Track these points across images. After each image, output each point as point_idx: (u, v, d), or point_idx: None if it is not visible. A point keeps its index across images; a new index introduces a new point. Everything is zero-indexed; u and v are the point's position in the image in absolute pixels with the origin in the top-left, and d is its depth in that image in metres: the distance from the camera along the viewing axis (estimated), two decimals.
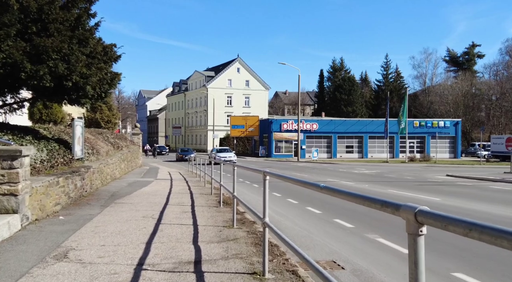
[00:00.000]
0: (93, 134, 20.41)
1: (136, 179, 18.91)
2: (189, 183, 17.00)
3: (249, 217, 8.44)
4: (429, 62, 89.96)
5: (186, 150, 47.04)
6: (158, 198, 11.40)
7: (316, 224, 8.28)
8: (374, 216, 8.48)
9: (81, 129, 13.58)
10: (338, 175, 22.62)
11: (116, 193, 12.42)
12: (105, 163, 15.72)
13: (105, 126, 31.93)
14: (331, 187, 2.67)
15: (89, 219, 7.85)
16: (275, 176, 4.37)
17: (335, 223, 8.25)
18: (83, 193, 11.26)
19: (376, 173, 24.57)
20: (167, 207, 9.67)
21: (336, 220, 8.53)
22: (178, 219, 8.03)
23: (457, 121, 58.83)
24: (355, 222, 8.24)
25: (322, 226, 8.06)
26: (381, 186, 16.49)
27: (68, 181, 9.73)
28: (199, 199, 11.49)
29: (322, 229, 7.73)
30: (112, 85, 11.21)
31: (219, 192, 10.49)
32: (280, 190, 14.83)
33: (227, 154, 37.31)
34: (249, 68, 76.71)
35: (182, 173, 24.13)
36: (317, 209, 10.03)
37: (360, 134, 56.00)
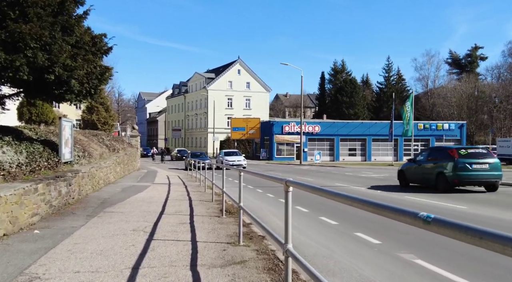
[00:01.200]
0: (87, 136, 19.25)
1: (132, 183, 17.74)
2: (188, 188, 15.83)
3: (256, 229, 7.28)
4: (432, 65, 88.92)
5: (198, 154, 35.39)
6: (153, 206, 10.22)
7: (335, 239, 7.10)
8: (400, 229, 7.33)
9: (70, 130, 12.43)
10: (346, 179, 21.44)
11: (107, 200, 11.24)
12: (98, 166, 14.56)
13: (102, 128, 30.79)
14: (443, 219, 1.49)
15: (69, 234, 6.67)
16: (303, 187, 3.21)
17: (357, 238, 7.07)
18: (69, 200, 10.09)
19: (384, 177, 23.38)
20: (163, 217, 8.50)
21: (358, 233, 7.35)
22: (174, 233, 6.86)
23: (462, 124, 57.84)
24: (381, 236, 7.06)
25: (343, 241, 6.88)
26: (392, 190, 15.30)
27: (50, 187, 8.56)
28: (199, 206, 10.32)
29: (344, 246, 6.55)
30: (102, 81, 10.05)
31: (222, 199, 9.32)
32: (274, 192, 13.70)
33: (236, 157, 33.29)
34: (249, 70, 75.64)
35: (181, 177, 22.96)
36: (332, 219, 8.85)
37: (363, 137, 54.97)
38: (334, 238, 7.17)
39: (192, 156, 33.71)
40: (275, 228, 7.61)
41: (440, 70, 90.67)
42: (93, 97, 10.06)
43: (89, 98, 10.06)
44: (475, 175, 14.06)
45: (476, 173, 14.06)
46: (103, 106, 31.85)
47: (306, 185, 3.17)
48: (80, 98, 9.98)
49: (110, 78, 10.70)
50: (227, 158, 32.01)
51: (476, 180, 14.20)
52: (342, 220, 8.81)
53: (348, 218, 8.96)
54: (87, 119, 31.13)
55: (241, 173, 6.19)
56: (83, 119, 31.63)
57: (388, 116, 75.10)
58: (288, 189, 3.42)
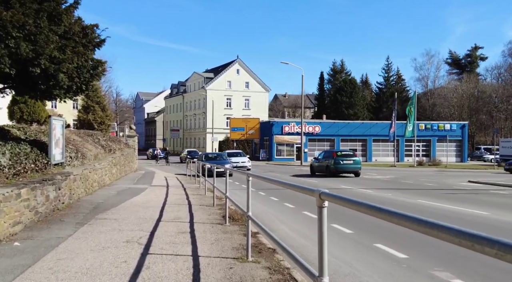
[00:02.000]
0: (81, 136, 18.44)
1: (128, 185, 16.93)
2: (187, 190, 15.04)
3: (265, 240, 6.49)
4: (432, 65, 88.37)
5: (214, 156, 27.71)
6: (150, 211, 9.42)
7: (353, 252, 6.32)
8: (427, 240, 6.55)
9: (61, 129, 11.62)
10: (350, 181, 20.67)
11: (101, 205, 10.44)
12: (92, 168, 13.75)
13: (98, 128, 29.93)
14: None
15: (54, 246, 5.88)
16: (346, 203, 2.42)
17: (379, 251, 6.29)
18: (59, 205, 9.28)
19: (390, 178, 22.64)
20: (160, 225, 7.71)
21: (378, 245, 6.57)
22: (173, 245, 6.06)
23: (463, 124, 57.23)
24: (405, 248, 6.29)
25: (364, 255, 6.10)
26: (405, 194, 14.54)
27: (36, 192, 7.76)
28: (200, 212, 9.53)
29: (366, 261, 5.77)
30: (95, 76, 9.24)
31: (225, 205, 8.53)
32: (278, 195, 12.94)
33: (240, 158, 30.99)
34: (249, 69, 74.84)
35: (179, 178, 22.16)
36: (346, 227, 8.06)
37: (363, 137, 54.33)
38: (352, 250, 6.38)
39: (206, 158, 25.92)
40: (285, 238, 6.85)
41: (440, 71, 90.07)
42: (85, 93, 9.24)
43: (80, 94, 9.26)
44: (345, 167, 23.64)
45: (346, 166, 23.67)
46: (100, 106, 30.98)
47: (351, 200, 2.38)
48: (71, 95, 9.17)
49: (104, 74, 9.91)
50: (230, 159, 29.78)
51: (346, 170, 23.67)
52: (356, 228, 8.04)
53: (363, 226, 8.18)
54: (83, 119, 30.26)
55: (249, 177, 5.40)
56: (79, 119, 30.77)
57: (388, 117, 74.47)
58: (322, 203, 2.63)
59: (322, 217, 2.72)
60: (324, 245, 2.65)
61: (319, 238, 2.68)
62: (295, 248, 5.88)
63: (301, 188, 3.24)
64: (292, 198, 12.88)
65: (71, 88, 8.71)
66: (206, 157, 26.95)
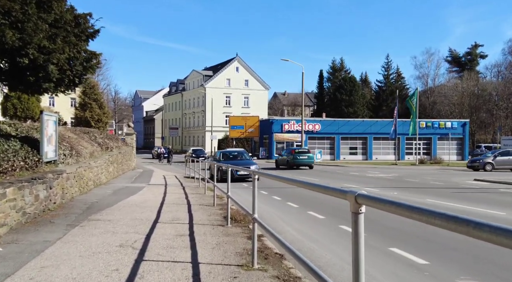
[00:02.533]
0: (77, 133, 17.89)
1: (125, 184, 16.40)
2: (186, 189, 14.51)
3: (270, 244, 5.98)
4: (432, 63, 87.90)
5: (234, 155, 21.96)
6: (147, 212, 8.90)
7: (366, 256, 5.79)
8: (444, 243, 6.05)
9: (54, 125, 11.08)
10: (354, 180, 20.15)
11: (95, 205, 9.91)
12: (87, 166, 13.22)
13: (96, 125, 29.37)
14: None
15: (39, 251, 5.35)
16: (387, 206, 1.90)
17: (395, 256, 5.78)
18: (50, 205, 8.75)
19: (394, 177, 22.13)
20: (157, 227, 7.18)
21: (393, 249, 6.06)
22: (170, 250, 5.54)
23: (464, 122, 56.78)
24: (423, 253, 5.77)
25: (378, 260, 5.59)
26: (412, 193, 14.04)
27: (24, 191, 7.23)
28: (199, 212, 9.00)
29: (383, 268, 5.26)
30: (88, 68, 8.70)
31: (226, 205, 8.01)
32: (281, 194, 12.41)
33: None
34: (248, 67, 74.24)
35: (178, 176, 21.64)
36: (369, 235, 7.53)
37: (364, 135, 53.86)
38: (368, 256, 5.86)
39: (224, 157, 21.26)
40: (292, 241, 6.33)
41: (440, 69, 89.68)
42: (78, 86, 8.69)
43: (72, 88, 8.72)
44: (301, 161, 29.90)
45: (301, 160, 29.89)
46: (97, 103, 30.39)
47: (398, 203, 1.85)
48: (62, 89, 8.63)
49: (98, 66, 9.36)
50: None
51: (301, 163, 29.97)
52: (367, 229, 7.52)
53: (372, 227, 7.67)
54: (80, 117, 29.67)
55: (256, 176, 4.88)
56: (76, 116, 30.20)
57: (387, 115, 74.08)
58: (358, 208, 2.09)
59: (359, 226, 2.15)
60: (361, 262, 2.14)
61: (353, 252, 2.17)
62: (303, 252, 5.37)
63: (329, 189, 2.61)
64: (296, 197, 12.38)
65: (62, 82, 8.17)
66: (224, 155, 21.69)
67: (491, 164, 29.18)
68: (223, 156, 21.60)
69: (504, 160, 29.56)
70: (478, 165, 29.86)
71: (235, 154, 22.28)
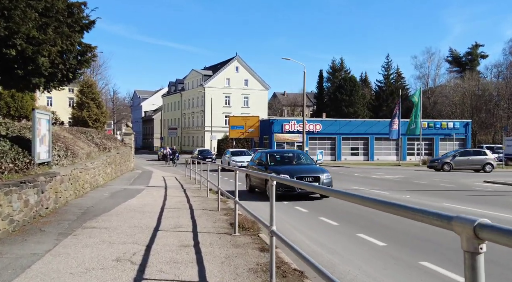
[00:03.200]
0: (73, 133, 17.21)
1: (124, 186, 15.73)
2: (187, 192, 13.85)
3: (285, 257, 5.31)
4: (432, 63, 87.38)
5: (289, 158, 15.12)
6: (146, 218, 8.22)
7: (395, 269, 5.14)
8: None
9: (48, 125, 10.40)
10: (360, 181, 19.50)
11: (90, 209, 9.23)
12: (83, 168, 12.53)
13: (93, 125, 28.71)
14: None
15: (25, 267, 4.68)
16: None
17: (426, 270, 5.12)
18: (41, 211, 8.08)
19: (400, 178, 21.48)
20: (158, 236, 6.51)
21: (424, 263, 5.40)
22: (174, 265, 4.87)
23: (467, 122, 56.26)
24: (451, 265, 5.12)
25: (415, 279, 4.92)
26: (425, 196, 13.38)
27: (11, 196, 6.56)
28: (203, 218, 8.33)
29: None
30: (83, 62, 8.04)
31: (234, 212, 7.34)
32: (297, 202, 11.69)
33: (245, 157, 27.97)
34: (248, 67, 73.55)
35: (178, 178, 20.96)
36: (377, 239, 6.89)
37: (365, 135, 53.32)
38: (393, 268, 5.21)
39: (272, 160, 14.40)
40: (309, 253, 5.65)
41: (441, 68, 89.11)
42: (71, 82, 8.02)
43: (66, 84, 8.05)
44: None
45: None
46: (95, 102, 29.71)
47: None
48: (55, 84, 7.95)
49: (94, 60, 8.70)
50: (235, 158, 28.01)
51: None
52: (388, 239, 6.86)
53: (397, 238, 7.01)
54: (77, 116, 28.99)
55: (274, 182, 4.20)
56: (73, 115, 29.51)
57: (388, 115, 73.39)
58: (479, 246, 1.35)
59: (477, 274, 1.42)
60: None
61: None
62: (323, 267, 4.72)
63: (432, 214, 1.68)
64: (304, 201, 11.71)
65: (54, 76, 7.50)
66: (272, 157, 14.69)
67: (449, 164, 29.49)
68: (270, 158, 14.40)
69: (462, 160, 29.80)
70: (437, 164, 30.11)
71: (290, 155, 15.73)
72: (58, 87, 8.56)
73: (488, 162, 29.39)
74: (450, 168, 29.44)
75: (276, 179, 4.20)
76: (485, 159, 29.58)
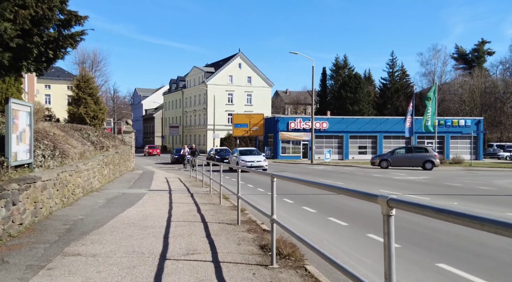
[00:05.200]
0: (65, 130, 15.33)
1: (122, 190, 13.86)
2: (195, 197, 11.97)
3: None
4: (438, 59, 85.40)
5: None
6: (149, 237, 6.34)
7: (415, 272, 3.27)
8: None
9: (28, 118, 8.52)
10: (385, 184, 17.58)
11: (78, 224, 7.34)
12: (74, 170, 10.66)
13: (91, 122, 26.75)
14: None
15: None
16: None
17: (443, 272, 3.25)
18: (12, 229, 6.20)
19: (426, 179, 19.56)
20: (166, 271, 4.62)
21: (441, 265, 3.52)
22: None
23: (478, 120, 54.48)
24: None
25: None
26: (473, 203, 11.45)
27: None
28: (222, 237, 6.44)
29: None
30: (67, 38, 6.14)
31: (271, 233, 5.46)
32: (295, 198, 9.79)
33: (255, 157, 26.22)
34: (251, 63, 71.60)
35: (182, 179, 19.07)
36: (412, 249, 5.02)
37: (374, 134, 51.52)
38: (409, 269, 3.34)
39: None
40: None
41: (447, 66, 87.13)
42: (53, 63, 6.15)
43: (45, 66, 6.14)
44: None
45: None
46: (92, 98, 27.71)
47: None
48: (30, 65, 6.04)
49: (83, 36, 6.80)
50: (244, 157, 25.81)
51: None
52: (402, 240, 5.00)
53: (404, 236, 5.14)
54: (73, 113, 26.99)
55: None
56: (69, 112, 27.49)
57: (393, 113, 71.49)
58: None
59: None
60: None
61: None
62: None
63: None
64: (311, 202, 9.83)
65: (28, 52, 5.62)
66: None
67: (387, 160, 29.94)
68: None
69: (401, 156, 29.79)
70: (375, 161, 31.21)
71: None
72: (36, 70, 6.65)
73: (428, 160, 28.56)
74: (388, 164, 29.57)
75: None
76: (425, 156, 28.92)
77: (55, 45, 6.17)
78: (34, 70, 6.54)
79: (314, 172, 25.78)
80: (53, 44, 6.07)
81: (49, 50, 6.13)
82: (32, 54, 5.85)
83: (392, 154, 31.05)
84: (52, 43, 6.04)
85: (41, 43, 5.80)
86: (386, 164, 29.76)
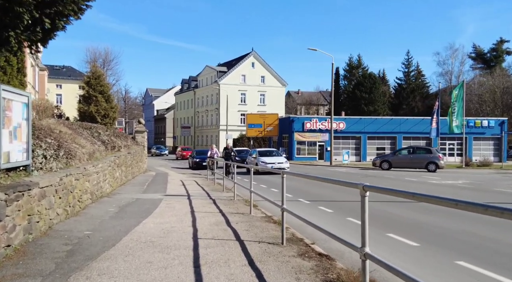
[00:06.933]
0: (73, 128, 13.90)
1: (135, 195, 12.36)
2: (218, 204, 10.42)
3: None
4: (455, 59, 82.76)
5: None
6: (175, 266, 4.77)
7: None
8: None
9: (25, 111, 7.04)
10: (423, 188, 15.82)
11: (83, 244, 5.81)
12: (81, 173, 9.17)
13: (102, 121, 25.48)
14: None
15: None
16: None
17: None
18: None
19: (467, 184, 17.78)
20: None
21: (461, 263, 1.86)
22: None
23: (502, 121, 52.23)
24: None
25: None
26: None
27: None
28: (271, 266, 4.84)
29: None
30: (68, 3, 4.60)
31: (363, 275, 3.84)
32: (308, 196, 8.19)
33: (276, 158, 24.68)
34: (264, 63, 69.98)
35: (199, 182, 17.54)
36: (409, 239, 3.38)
37: (393, 134, 49.59)
38: None
39: None
40: None
41: (465, 65, 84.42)
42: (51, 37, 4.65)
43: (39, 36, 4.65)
44: None
45: None
46: (103, 96, 26.45)
47: None
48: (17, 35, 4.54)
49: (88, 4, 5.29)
50: (264, 158, 24.36)
51: None
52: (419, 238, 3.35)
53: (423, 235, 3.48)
54: (83, 111, 25.77)
55: None
56: (79, 110, 26.28)
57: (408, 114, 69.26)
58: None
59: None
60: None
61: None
62: None
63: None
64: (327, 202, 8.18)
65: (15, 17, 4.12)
66: None
67: (388, 162, 29.16)
68: None
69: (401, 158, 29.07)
70: (376, 162, 30.47)
71: None
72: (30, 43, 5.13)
73: (431, 161, 27.26)
74: (389, 166, 28.66)
75: None
76: (429, 157, 27.67)
77: (53, 10, 4.67)
78: (26, 41, 5.04)
79: (338, 174, 24.08)
80: (50, 8, 4.58)
81: (45, 17, 4.65)
82: (22, 21, 4.37)
83: (394, 154, 30.04)
84: (49, 6, 4.55)
85: (34, 5, 4.31)
86: (388, 165, 28.78)
